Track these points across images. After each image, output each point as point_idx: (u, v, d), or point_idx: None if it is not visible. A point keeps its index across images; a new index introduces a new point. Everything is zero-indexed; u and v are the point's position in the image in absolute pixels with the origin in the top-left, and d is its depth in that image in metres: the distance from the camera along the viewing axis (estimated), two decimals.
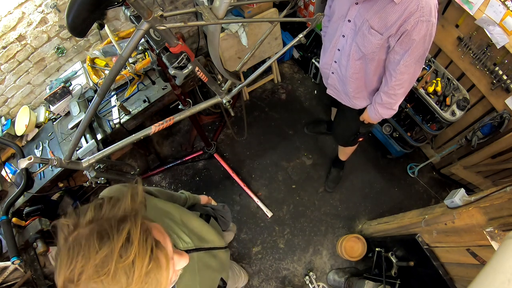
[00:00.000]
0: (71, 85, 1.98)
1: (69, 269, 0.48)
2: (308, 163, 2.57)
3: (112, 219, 0.52)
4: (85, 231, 0.51)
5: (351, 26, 1.32)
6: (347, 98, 1.64)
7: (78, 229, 0.52)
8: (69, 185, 2.07)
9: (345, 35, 1.37)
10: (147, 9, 0.79)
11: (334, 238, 2.32)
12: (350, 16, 1.30)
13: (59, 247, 0.52)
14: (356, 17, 1.28)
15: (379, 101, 1.47)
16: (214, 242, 1.06)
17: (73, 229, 0.52)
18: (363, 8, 1.24)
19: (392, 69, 1.32)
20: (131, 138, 1.15)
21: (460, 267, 1.38)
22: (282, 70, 2.97)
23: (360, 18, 1.26)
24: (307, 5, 2.43)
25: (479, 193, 1.20)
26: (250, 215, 2.41)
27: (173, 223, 0.88)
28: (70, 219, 0.53)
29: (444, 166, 2.39)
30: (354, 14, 1.28)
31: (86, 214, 0.53)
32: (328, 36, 1.53)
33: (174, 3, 2.23)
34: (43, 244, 1.79)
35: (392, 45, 1.24)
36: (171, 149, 2.73)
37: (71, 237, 0.51)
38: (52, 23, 1.78)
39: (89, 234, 0.50)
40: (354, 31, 1.32)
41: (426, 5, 1.10)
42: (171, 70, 0.98)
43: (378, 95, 1.47)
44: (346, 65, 1.46)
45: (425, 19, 1.11)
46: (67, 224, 0.52)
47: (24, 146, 1.98)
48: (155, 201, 0.91)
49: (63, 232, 0.52)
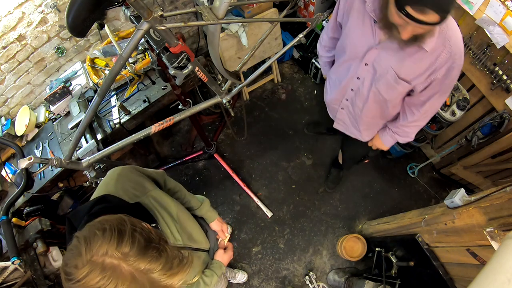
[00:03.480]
0: (71, 85, 1.98)
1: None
2: (308, 163, 2.57)
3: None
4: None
5: (369, 69, 1.21)
6: (357, 133, 1.57)
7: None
8: (69, 185, 2.07)
9: (361, 78, 1.27)
10: (147, 9, 0.79)
11: (334, 238, 2.32)
12: (367, 60, 1.18)
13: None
14: (376, 62, 1.17)
15: (396, 130, 1.40)
16: (202, 243, 1.10)
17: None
18: (384, 53, 1.12)
19: (416, 108, 1.25)
20: (131, 138, 1.16)
21: (460, 267, 1.38)
22: (282, 70, 2.97)
23: (382, 64, 1.15)
24: (307, 5, 2.43)
25: (479, 193, 1.20)
26: (250, 215, 2.41)
27: (169, 217, 0.91)
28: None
29: (444, 166, 2.39)
30: (373, 58, 1.17)
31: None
32: (337, 73, 1.41)
33: (174, 3, 2.23)
34: (43, 244, 1.79)
35: (419, 90, 1.15)
36: (171, 149, 2.73)
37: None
38: (52, 23, 1.78)
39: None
40: (372, 75, 1.22)
41: (457, 51, 1.02)
42: (171, 70, 0.98)
43: (395, 127, 1.40)
44: (361, 106, 1.37)
45: (456, 65, 1.05)
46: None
47: (24, 146, 1.98)
48: (159, 193, 0.94)
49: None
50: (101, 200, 0.76)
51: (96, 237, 0.55)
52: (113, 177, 0.87)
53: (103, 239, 0.54)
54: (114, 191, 0.82)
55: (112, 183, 0.85)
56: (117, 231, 0.56)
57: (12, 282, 1.73)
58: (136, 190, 0.87)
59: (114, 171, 0.89)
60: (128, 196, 0.83)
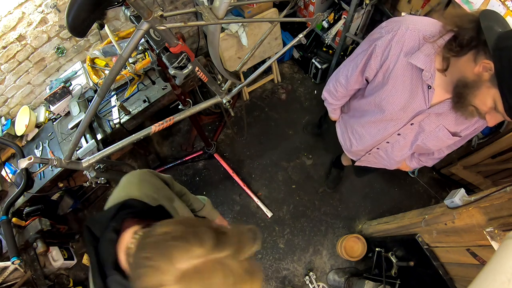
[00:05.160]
0: (71, 85, 1.98)
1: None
2: (308, 163, 2.57)
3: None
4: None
5: (415, 128, 1.12)
6: (384, 166, 1.51)
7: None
8: (69, 185, 2.07)
9: (402, 134, 1.18)
10: (147, 9, 0.79)
11: (334, 238, 2.32)
12: (414, 121, 1.09)
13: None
14: (425, 122, 1.08)
15: (426, 160, 1.36)
16: None
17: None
18: (437, 115, 1.04)
19: (455, 145, 1.21)
20: (131, 138, 1.16)
21: (460, 267, 1.38)
22: (282, 70, 2.97)
23: (432, 124, 1.07)
24: (307, 5, 2.43)
25: (479, 193, 1.20)
26: (250, 215, 2.41)
27: (177, 216, 0.93)
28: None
29: (444, 166, 2.39)
30: (421, 119, 1.07)
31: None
32: (368, 129, 1.28)
33: (174, 3, 2.23)
34: (43, 244, 1.79)
35: (463, 134, 1.10)
36: (171, 149, 2.73)
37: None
38: (52, 23, 1.78)
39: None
40: (417, 132, 1.14)
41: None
42: (171, 70, 0.98)
43: (426, 158, 1.35)
44: (399, 154, 1.30)
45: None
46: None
47: (24, 146, 1.98)
48: (174, 196, 0.98)
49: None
50: (125, 205, 0.74)
51: (177, 248, 0.52)
52: (135, 181, 0.87)
53: (185, 246, 0.52)
54: (139, 196, 0.81)
55: (136, 188, 0.85)
56: (192, 233, 0.54)
57: (12, 282, 1.74)
58: (156, 194, 0.87)
59: (135, 176, 0.89)
60: (150, 200, 0.83)
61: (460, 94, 0.87)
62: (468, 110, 0.89)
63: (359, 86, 1.23)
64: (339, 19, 2.32)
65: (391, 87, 1.04)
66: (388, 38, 0.99)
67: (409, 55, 0.95)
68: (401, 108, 1.07)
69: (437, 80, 0.95)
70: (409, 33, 0.95)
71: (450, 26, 0.87)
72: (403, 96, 1.04)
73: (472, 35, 0.82)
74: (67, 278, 2.21)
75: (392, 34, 0.98)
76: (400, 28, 0.96)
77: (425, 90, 0.99)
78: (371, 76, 1.11)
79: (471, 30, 0.82)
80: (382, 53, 1.02)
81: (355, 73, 1.15)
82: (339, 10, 2.31)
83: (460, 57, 0.86)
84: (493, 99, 0.81)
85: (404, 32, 0.96)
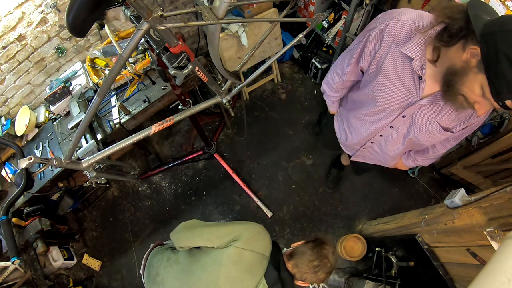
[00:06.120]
0: (71, 85, 1.98)
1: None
2: (308, 163, 2.57)
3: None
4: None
5: (407, 120, 1.13)
6: (380, 163, 1.53)
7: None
8: (69, 185, 2.07)
9: (395, 127, 1.19)
10: (147, 9, 0.79)
11: (334, 238, 2.32)
12: (406, 113, 1.10)
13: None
14: (417, 115, 1.09)
15: (422, 160, 1.37)
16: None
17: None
18: (427, 106, 1.05)
19: (448, 143, 1.22)
20: (131, 138, 1.15)
21: (460, 267, 1.38)
22: (282, 70, 2.97)
23: (424, 116, 1.08)
24: (307, 5, 2.43)
25: (479, 193, 1.20)
26: (250, 215, 2.41)
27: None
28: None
29: (444, 166, 2.39)
30: (413, 111, 1.08)
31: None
32: (362, 121, 1.30)
33: (174, 3, 2.23)
34: (43, 244, 1.79)
35: (456, 130, 1.11)
36: (171, 149, 2.73)
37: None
38: (52, 23, 1.78)
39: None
40: (410, 125, 1.15)
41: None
42: (171, 70, 0.98)
43: (421, 157, 1.36)
44: (392, 148, 1.31)
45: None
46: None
47: (24, 146, 1.98)
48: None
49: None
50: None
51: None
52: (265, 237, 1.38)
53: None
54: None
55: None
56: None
57: (12, 282, 1.74)
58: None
59: (262, 230, 1.41)
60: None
61: (449, 82, 0.88)
62: (458, 100, 0.90)
63: (355, 78, 1.25)
64: (339, 19, 2.32)
65: (384, 77, 1.06)
66: (381, 28, 1.01)
67: (401, 45, 0.97)
68: (392, 98, 1.08)
69: (428, 71, 0.96)
70: (401, 23, 0.97)
71: (441, 18, 0.88)
72: (395, 86, 1.05)
73: (461, 25, 0.83)
74: (67, 278, 2.22)
75: (385, 25, 0.99)
76: (393, 18, 0.98)
77: (417, 81, 1.00)
78: (365, 66, 1.13)
79: (460, 20, 0.83)
80: (375, 42, 1.04)
81: (351, 63, 1.18)
82: (339, 10, 2.31)
83: (450, 47, 0.87)
84: (480, 86, 0.82)
85: (396, 22, 0.97)
